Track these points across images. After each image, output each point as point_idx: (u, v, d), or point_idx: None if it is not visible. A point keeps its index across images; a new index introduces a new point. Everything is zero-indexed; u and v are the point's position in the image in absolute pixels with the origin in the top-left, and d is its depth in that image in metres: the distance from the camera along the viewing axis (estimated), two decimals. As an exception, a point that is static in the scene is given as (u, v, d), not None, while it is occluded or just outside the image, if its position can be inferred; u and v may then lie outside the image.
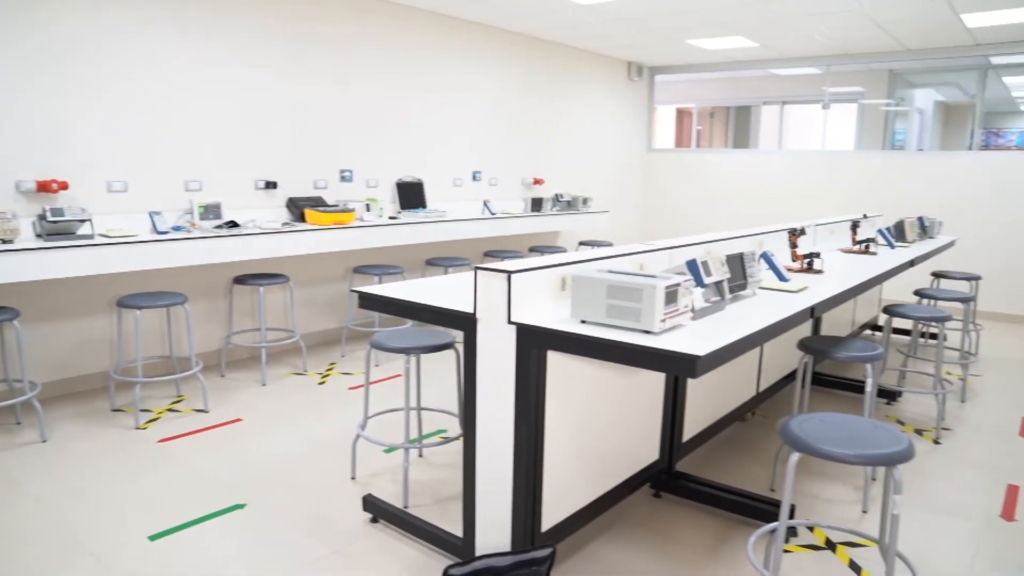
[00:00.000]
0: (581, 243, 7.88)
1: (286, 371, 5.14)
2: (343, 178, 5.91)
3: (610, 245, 6.16)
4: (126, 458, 3.61)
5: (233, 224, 4.83)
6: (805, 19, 6.43)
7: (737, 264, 2.88)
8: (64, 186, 4.26)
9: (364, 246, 5.38)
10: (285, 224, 5.12)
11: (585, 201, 7.63)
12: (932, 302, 5.59)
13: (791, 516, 3.01)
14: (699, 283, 2.57)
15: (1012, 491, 3.46)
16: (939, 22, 6.37)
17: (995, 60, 8.44)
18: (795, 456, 2.25)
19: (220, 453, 3.69)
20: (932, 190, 7.71)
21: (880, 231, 5.14)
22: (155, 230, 4.57)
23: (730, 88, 11.28)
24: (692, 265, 2.58)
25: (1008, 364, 5.75)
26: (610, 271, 2.36)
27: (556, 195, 7.52)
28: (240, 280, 4.91)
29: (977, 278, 5.78)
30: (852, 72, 9.57)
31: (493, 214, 6.79)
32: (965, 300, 4.97)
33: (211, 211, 4.92)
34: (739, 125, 12.45)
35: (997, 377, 5.38)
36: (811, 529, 3.05)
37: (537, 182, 7.86)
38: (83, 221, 4.13)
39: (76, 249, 3.91)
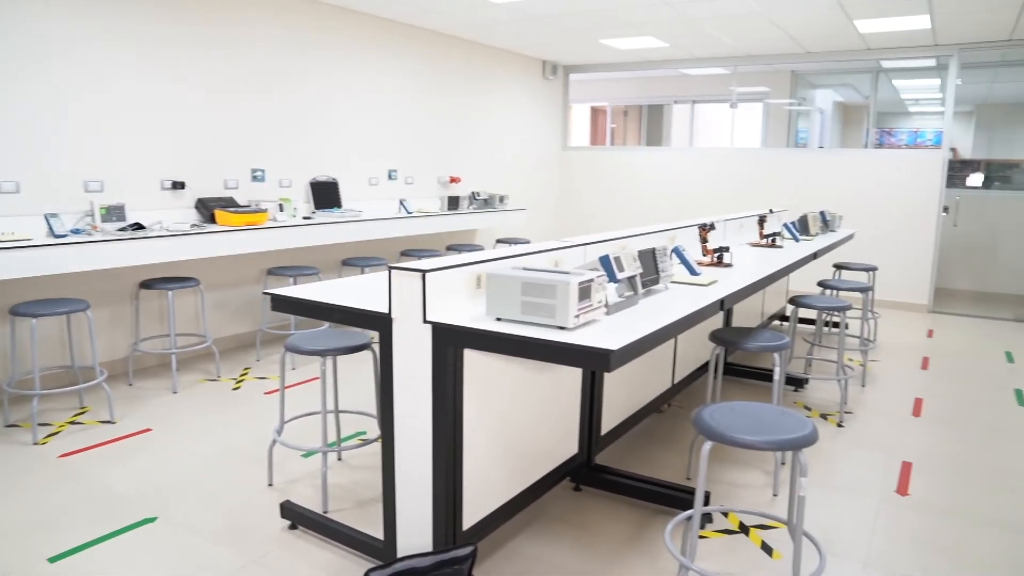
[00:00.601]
0: (498, 241, 7.91)
1: (198, 377, 4.97)
2: (255, 178, 5.75)
3: (527, 243, 6.20)
4: (22, 476, 3.41)
5: (138, 226, 4.63)
6: (712, 21, 6.64)
7: (649, 259, 2.95)
8: (-52, 188, 4.00)
9: (278, 247, 5.25)
10: (194, 226, 4.94)
11: (502, 199, 7.66)
12: (834, 292, 5.87)
13: (706, 503, 3.11)
14: (612, 279, 2.62)
15: (906, 468, 3.67)
16: (835, 27, 6.69)
17: (885, 64, 8.93)
18: (708, 445, 2.32)
19: (128, 465, 3.54)
20: (832, 186, 8.09)
21: (785, 225, 5.36)
22: (52, 233, 4.33)
23: (643, 87, 11.54)
24: (605, 261, 2.63)
25: (902, 349, 6.10)
26: (524, 268, 2.38)
27: (473, 193, 7.52)
28: (147, 284, 4.71)
29: (874, 269, 6.11)
30: (757, 73, 9.95)
31: (409, 213, 6.75)
32: (864, 290, 5.24)
33: (114, 213, 4.71)
34: (652, 123, 12.74)
35: (893, 362, 5.70)
36: (725, 514, 3.16)
37: (453, 180, 7.84)
38: (-30, 225, 3.88)
39: (-37, 255, 3.67)
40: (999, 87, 10.47)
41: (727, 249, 3.88)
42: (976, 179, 10.65)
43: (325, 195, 6.26)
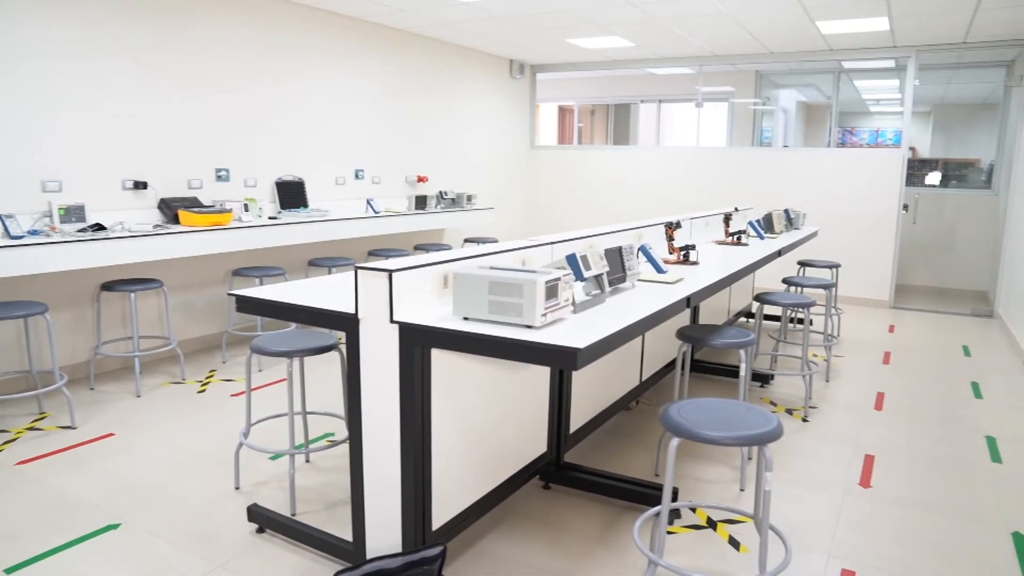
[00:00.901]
0: (466, 240, 7.90)
1: (162, 380, 4.89)
2: (219, 177, 5.67)
3: (495, 242, 6.20)
4: (-19, 483, 3.33)
5: (99, 227, 4.54)
6: (677, 21, 6.70)
7: (616, 258, 2.97)
8: (-102, 189, 3.88)
9: (243, 248, 5.18)
10: (157, 226, 4.86)
11: (470, 198, 7.65)
12: (799, 289, 5.95)
13: (674, 499, 3.14)
14: (579, 277, 2.63)
15: (868, 461, 3.74)
16: (798, 28, 6.79)
17: (847, 64, 9.10)
18: (675, 441, 2.35)
19: (90, 471, 3.47)
20: (796, 184, 8.21)
21: (750, 223, 5.43)
22: (7, 234, 4.23)
23: (610, 86, 11.61)
24: (572, 259, 2.64)
25: (865, 344, 6.22)
26: (491, 267, 2.38)
27: (440, 193, 7.50)
28: (108, 286, 4.62)
29: (837, 266, 6.21)
30: (723, 73, 10.06)
31: (376, 212, 6.70)
32: (827, 287, 5.33)
33: (73, 213, 4.61)
34: (619, 123, 12.82)
35: (856, 357, 5.80)
36: (693, 510, 3.19)
37: (421, 180, 7.81)
38: (-78, 227, 3.78)
39: (-85, 257, 3.57)
40: (955, 88, 10.72)
41: (693, 247, 3.92)
42: (934, 178, 10.91)
43: (291, 195, 6.20)
